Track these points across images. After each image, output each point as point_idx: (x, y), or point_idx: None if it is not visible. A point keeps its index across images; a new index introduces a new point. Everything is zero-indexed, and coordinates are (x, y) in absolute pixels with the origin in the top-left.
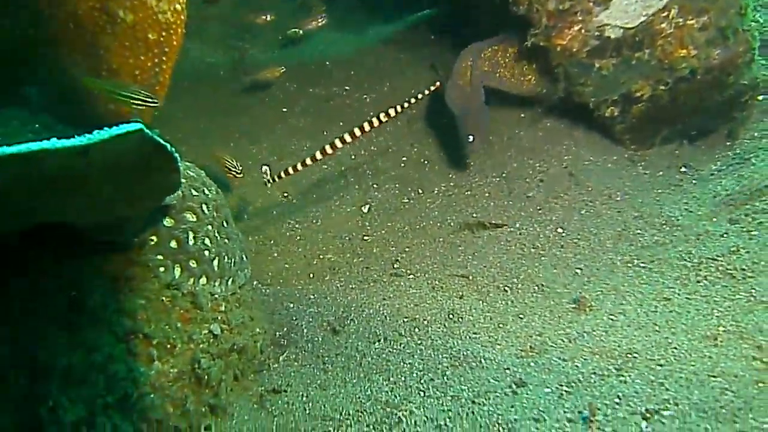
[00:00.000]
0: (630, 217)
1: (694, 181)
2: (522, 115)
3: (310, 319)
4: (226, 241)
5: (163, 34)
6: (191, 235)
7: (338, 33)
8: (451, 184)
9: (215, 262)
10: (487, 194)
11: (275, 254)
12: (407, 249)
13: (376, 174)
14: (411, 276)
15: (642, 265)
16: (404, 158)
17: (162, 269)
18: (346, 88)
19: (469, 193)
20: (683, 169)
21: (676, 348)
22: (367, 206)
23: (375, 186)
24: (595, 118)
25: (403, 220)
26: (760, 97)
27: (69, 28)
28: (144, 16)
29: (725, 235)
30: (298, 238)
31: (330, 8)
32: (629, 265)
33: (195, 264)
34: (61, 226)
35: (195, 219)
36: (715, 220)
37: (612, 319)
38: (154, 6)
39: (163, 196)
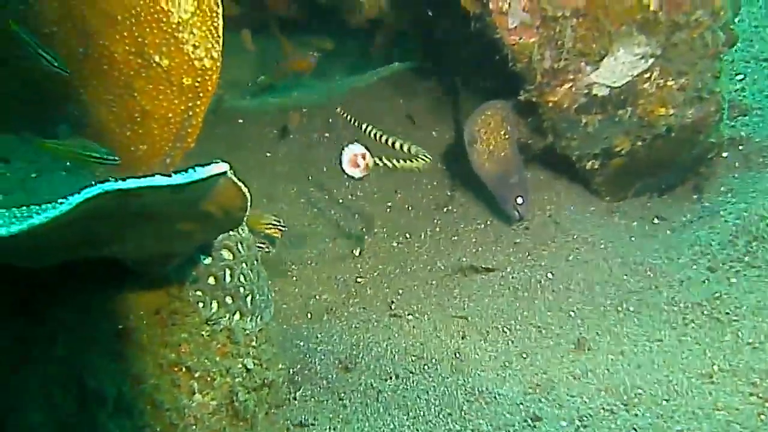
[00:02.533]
0: (615, 263)
1: (668, 231)
2: None
3: (322, 357)
4: (257, 278)
5: (198, 79)
6: (228, 272)
7: (316, 80)
8: (437, 229)
9: (248, 299)
10: (474, 240)
11: (273, 294)
12: (401, 291)
13: (364, 218)
14: (410, 317)
15: (631, 309)
16: (389, 203)
17: (201, 304)
18: (326, 135)
19: (456, 238)
20: (656, 220)
21: (676, 385)
22: (358, 249)
23: (364, 230)
24: (577, 170)
25: (394, 263)
26: (725, 154)
27: (103, 69)
28: (180, 61)
29: (706, 282)
30: (294, 278)
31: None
32: (619, 308)
33: (231, 300)
34: (106, 258)
35: (231, 257)
36: (695, 267)
37: (612, 359)
38: (191, 52)
39: (221, 233)
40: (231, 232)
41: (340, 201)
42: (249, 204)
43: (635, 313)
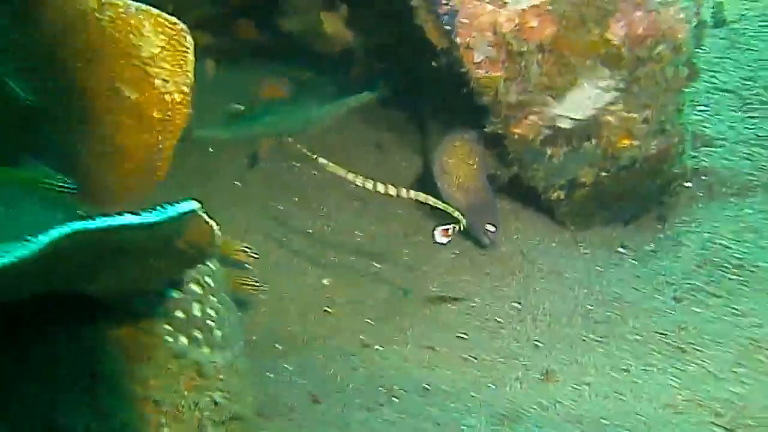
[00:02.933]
0: (581, 294)
1: (633, 261)
2: None
3: (292, 389)
4: (226, 312)
5: (168, 113)
6: (197, 306)
7: (287, 109)
8: (406, 259)
9: (218, 333)
10: (443, 270)
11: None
12: (370, 322)
13: (334, 248)
14: (379, 347)
15: (598, 339)
16: (359, 234)
17: (170, 339)
18: (296, 164)
19: (426, 268)
20: (620, 250)
21: (642, 415)
22: (328, 280)
23: (334, 260)
24: (543, 200)
25: (363, 294)
26: (688, 184)
27: (77, 102)
28: (150, 95)
29: (671, 312)
30: (263, 309)
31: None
32: (585, 339)
33: (200, 334)
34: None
35: (201, 291)
36: (660, 297)
37: (578, 389)
38: (161, 87)
39: (191, 268)
40: (200, 266)
41: (310, 231)
42: (218, 239)
43: (602, 344)
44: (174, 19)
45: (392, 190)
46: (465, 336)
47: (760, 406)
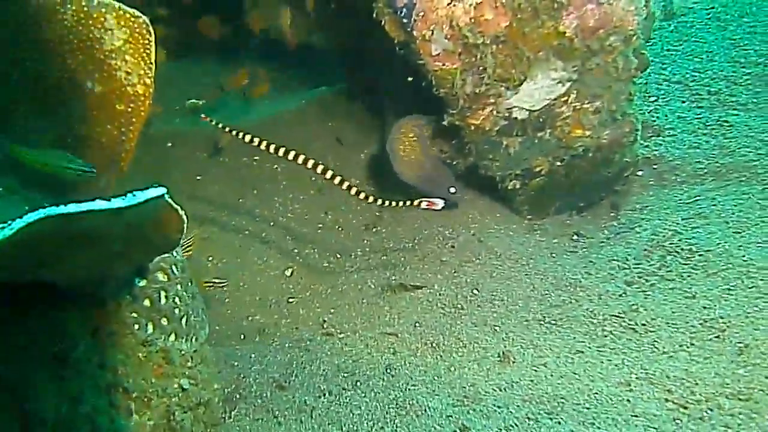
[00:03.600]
0: (537, 279)
1: (585, 248)
2: None
3: (256, 376)
4: (191, 300)
5: (131, 105)
6: (163, 294)
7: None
8: (367, 248)
9: (183, 320)
10: (402, 258)
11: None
12: (333, 310)
13: (295, 239)
14: (342, 335)
15: (553, 322)
16: (320, 225)
17: (137, 326)
18: (255, 158)
19: (385, 257)
20: (575, 237)
21: (597, 393)
22: (290, 270)
23: (295, 251)
24: (499, 190)
25: (325, 283)
26: (640, 173)
27: (36, 94)
28: (112, 87)
29: (623, 295)
30: (227, 299)
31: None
32: (541, 322)
33: (166, 322)
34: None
35: (166, 279)
36: (613, 281)
37: (535, 370)
38: (123, 79)
39: (158, 255)
40: (165, 255)
41: (271, 223)
42: (185, 226)
43: (557, 326)
44: (136, 12)
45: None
46: (426, 322)
47: (710, 383)
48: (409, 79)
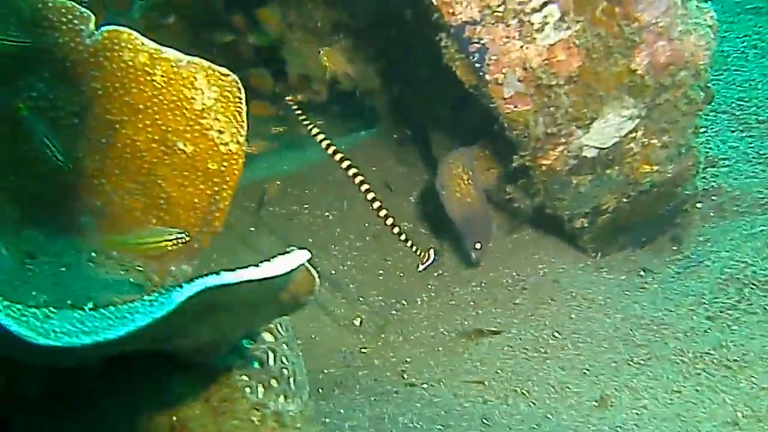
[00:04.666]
0: (617, 318)
1: (656, 284)
2: None
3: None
4: (296, 358)
5: (224, 164)
6: (271, 355)
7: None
8: (432, 294)
9: (291, 381)
10: (471, 303)
11: None
12: (408, 359)
13: (358, 287)
14: (425, 385)
15: (642, 362)
16: (380, 271)
17: (249, 390)
18: (305, 206)
19: (453, 302)
20: (642, 273)
21: None
22: (359, 319)
23: (361, 299)
24: (564, 227)
25: (395, 331)
26: (699, 205)
27: (126, 157)
28: (205, 147)
29: (709, 331)
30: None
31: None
32: (630, 363)
33: (276, 383)
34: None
35: (273, 339)
36: (694, 317)
37: (637, 414)
38: (216, 138)
39: (283, 316)
40: None
41: (333, 272)
42: (317, 287)
43: (647, 366)
44: (226, 71)
45: (378, 207)
46: (510, 368)
47: None
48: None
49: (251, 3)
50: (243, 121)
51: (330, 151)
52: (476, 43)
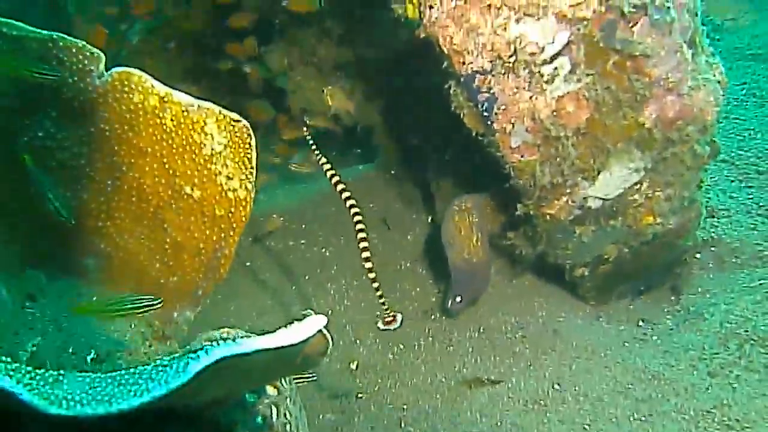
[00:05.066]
0: (617, 372)
1: (655, 336)
2: None
3: None
4: (298, 412)
5: (232, 210)
6: (275, 409)
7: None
8: (430, 338)
9: None
10: (470, 349)
11: None
12: (405, 406)
13: (355, 329)
14: None
15: (643, 419)
16: (377, 312)
17: None
18: (302, 242)
19: (451, 348)
20: (641, 323)
21: None
22: (355, 363)
23: (357, 342)
24: (567, 277)
25: (393, 377)
26: (698, 255)
27: (132, 201)
28: (212, 192)
29: (710, 388)
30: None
31: None
32: (631, 419)
33: None
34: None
35: (276, 393)
36: (695, 373)
37: None
38: (224, 183)
39: (292, 375)
40: None
41: (329, 311)
42: (330, 348)
43: (648, 423)
44: (236, 116)
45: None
46: (510, 420)
47: None
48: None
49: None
50: (252, 167)
51: (334, 182)
52: (486, 92)
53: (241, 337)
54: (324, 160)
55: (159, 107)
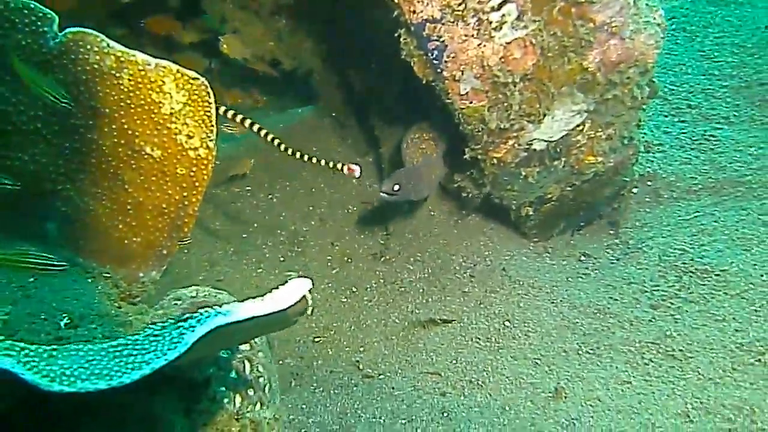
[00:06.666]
0: (564, 307)
1: (596, 269)
2: (432, 212)
3: (317, 430)
4: (270, 365)
5: (193, 169)
6: (247, 364)
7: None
8: (381, 280)
9: (266, 388)
10: (421, 290)
11: None
12: (362, 349)
13: (308, 275)
14: (383, 377)
15: (591, 351)
16: (329, 257)
17: (226, 400)
18: (248, 188)
19: (402, 289)
20: (582, 258)
21: (660, 428)
22: (310, 309)
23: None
24: (512, 217)
25: (347, 320)
26: (635, 190)
27: (91, 162)
28: (173, 151)
29: (653, 321)
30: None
31: None
32: (579, 352)
33: (252, 392)
34: None
35: (249, 348)
36: (638, 306)
37: (591, 406)
38: (185, 142)
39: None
40: None
41: (281, 259)
42: (309, 308)
43: (596, 356)
44: (195, 74)
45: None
46: (464, 358)
47: (766, 410)
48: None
49: None
50: (213, 126)
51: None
52: (435, 40)
53: (216, 299)
54: (249, 122)
55: (116, 67)
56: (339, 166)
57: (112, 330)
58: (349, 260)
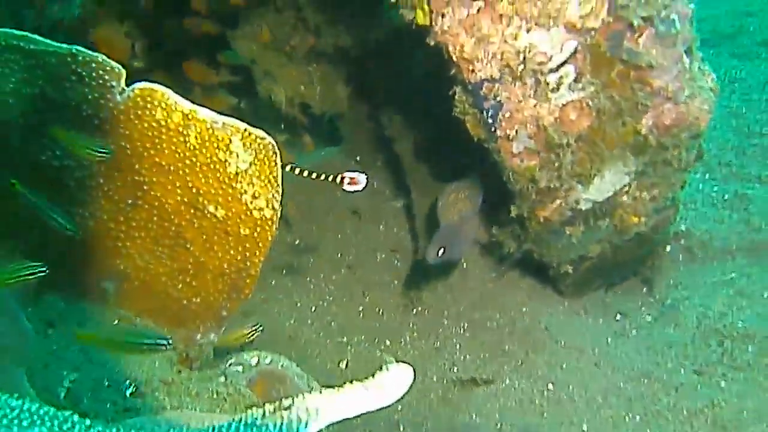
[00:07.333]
0: (608, 370)
1: (634, 330)
2: (464, 265)
3: None
4: None
5: (257, 229)
6: None
7: None
8: (415, 335)
9: None
10: (458, 346)
11: None
12: (400, 408)
13: (340, 326)
14: None
15: (638, 418)
16: (360, 307)
17: None
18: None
19: (438, 344)
20: (618, 317)
21: None
22: (344, 362)
23: (344, 339)
24: (552, 274)
25: None
26: (668, 248)
27: (153, 220)
28: (237, 211)
29: (698, 388)
30: None
31: None
32: (626, 418)
33: None
34: None
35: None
36: (682, 371)
37: None
38: (249, 202)
39: None
40: None
41: (312, 308)
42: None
43: (644, 423)
44: (262, 134)
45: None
46: (509, 421)
47: None
48: None
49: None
50: (278, 186)
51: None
52: (491, 99)
53: (283, 367)
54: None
55: (183, 124)
56: (338, 179)
57: (180, 400)
58: (381, 311)
